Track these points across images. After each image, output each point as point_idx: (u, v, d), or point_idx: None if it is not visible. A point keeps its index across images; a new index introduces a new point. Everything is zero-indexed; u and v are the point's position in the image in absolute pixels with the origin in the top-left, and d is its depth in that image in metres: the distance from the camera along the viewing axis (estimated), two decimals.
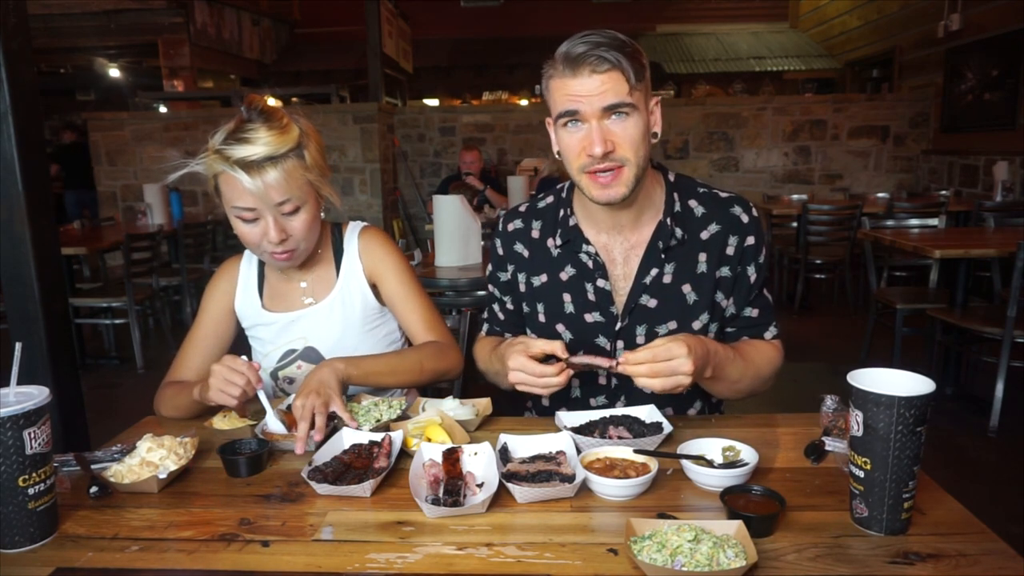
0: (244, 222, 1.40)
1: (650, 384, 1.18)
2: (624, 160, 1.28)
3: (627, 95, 1.25)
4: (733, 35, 13.22)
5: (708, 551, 0.85)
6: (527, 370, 1.23)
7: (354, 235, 1.59)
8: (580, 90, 1.25)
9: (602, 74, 1.24)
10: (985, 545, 0.91)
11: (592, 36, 1.26)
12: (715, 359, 1.26)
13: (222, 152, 1.35)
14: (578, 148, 1.30)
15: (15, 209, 1.92)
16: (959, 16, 6.77)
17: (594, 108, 1.25)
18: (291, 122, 1.39)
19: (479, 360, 1.54)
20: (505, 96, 12.84)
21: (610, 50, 1.24)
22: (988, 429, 3.30)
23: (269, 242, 1.39)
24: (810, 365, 4.33)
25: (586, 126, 1.28)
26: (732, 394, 1.42)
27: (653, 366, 1.16)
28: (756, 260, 1.43)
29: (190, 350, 1.57)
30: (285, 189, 1.36)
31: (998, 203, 5.12)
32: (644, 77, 1.28)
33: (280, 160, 1.35)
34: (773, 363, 1.42)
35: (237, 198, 1.37)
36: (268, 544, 0.96)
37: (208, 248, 5.50)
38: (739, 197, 1.46)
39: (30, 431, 0.95)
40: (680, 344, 1.16)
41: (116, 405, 4.03)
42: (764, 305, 1.45)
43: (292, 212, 1.39)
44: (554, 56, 1.30)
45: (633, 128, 1.27)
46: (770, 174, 7.81)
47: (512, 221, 1.54)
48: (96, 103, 12.27)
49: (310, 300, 1.57)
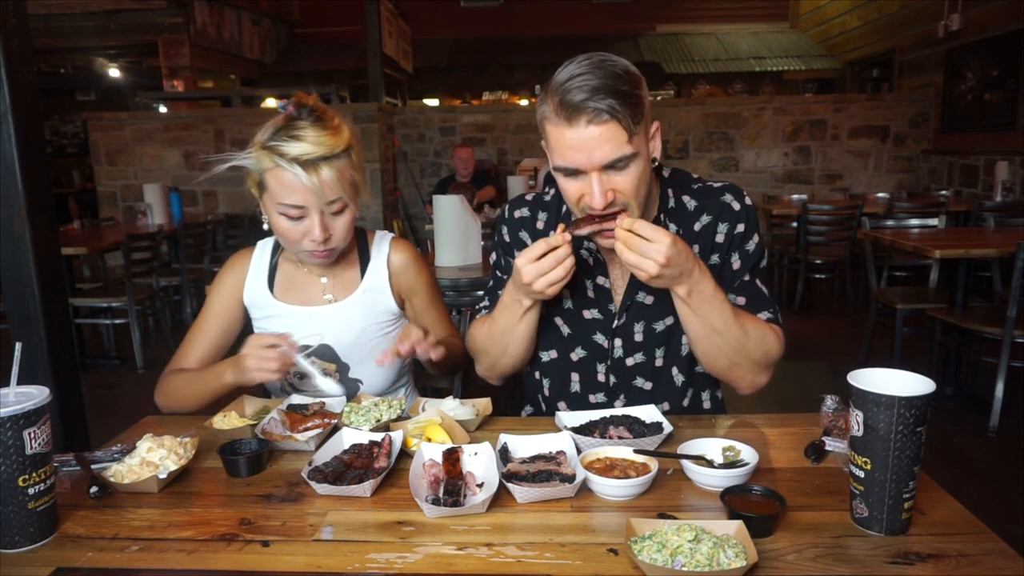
0: (288, 219, 1.40)
1: (620, 253, 1.19)
2: (625, 204, 1.26)
3: (626, 144, 1.21)
4: (733, 35, 13.22)
5: (708, 551, 0.85)
6: (539, 269, 1.22)
7: (384, 243, 1.61)
8: (577, 143, 1.21)
9: (600, 125, 1.19)
10: (985, 545, 0.91)
11: (589, 78, 1.19)
12: (695, 282, 1.23)
13: (275, 148, 1.36)
14: (577, 196, 1.28)
15: (15, 209, 1.92)
16: (959, 16, 6.77)
17: (593, 164, 1.22)
18: (342, 122, 1.42)
19: (478, 339, 1.50)
20: (505, 96, 12.83)
21: (607, 97, 1.18)
22: (988, 429, 3.29)
23: (312, 240, 1.40)
24: (810, 365, 4.33)
25: (585, 177, 1.24)
26: (712, 349, 1.32)
27: (632, 238, 1.17)
28: (742, 247, 1.39)
29: (194, 340, 1.56)
30: (337, 188, 1.38)
31: (998, 203, 5.12)
32: (643, 115, 1.23)
33: (333, 160, 1.37)
34: (765, 340, 1.33)
35: (287, 195, 1.37)
36: (268, 544, 0.96)
37: (208, 248, 5.50)
38: (732, 185, 1.43)
39: (30, 431, 0.95)
40: (666, 234, 1.16)
41: (116, 405, 4.03)
42: (753, 294, 1.38)
43: (339, 212, 1.41)
44: (550, 86, 1.24)
45: (634, 174, 1.24)
46: (770, 174, 7.81)
47: (519, 208, 1.53)
48: (96, 103, 12.26)
49: (330, 297, 1.57)
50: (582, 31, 12.79)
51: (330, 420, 1.31)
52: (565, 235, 1.23)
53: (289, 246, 1.47)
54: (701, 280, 1.24)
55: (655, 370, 1.44)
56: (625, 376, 1.45)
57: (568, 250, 1.23)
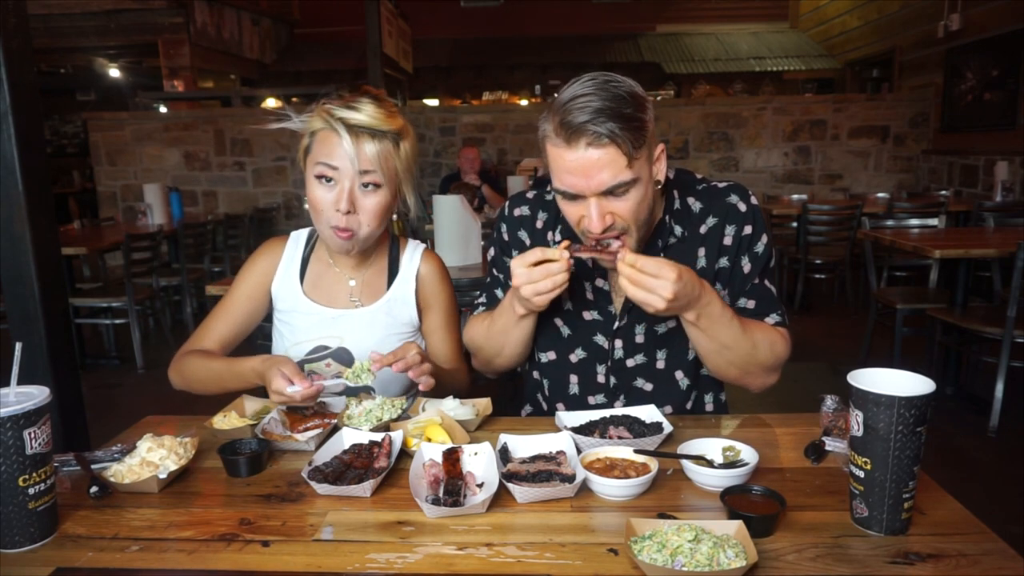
0: (322, 182, 1.41)
1: (625, 288, 1.18)
2: (624, 229, 1.26)
3: (626, 169, 1.20)
4: (733, 35, 13.22)
5: (708, 551, 0.85)
6: (530, 276, 1.22)
7: (416, 254, 1.61)
8: (576, 167, 1.20)
9: (599, 149, 1.18)
10: (985, 545, 0.91)
11: (592, 99, 1.18)
12: (703, 306, 1.23)
13: (330, 110, 1.40)
14: (576, 219, 1.28)
15: (15, 209, 1.92)
16: (959, 16, 6.77)
17: (592, 189, 1.21)
18: (399, 112, 1.45)
19: (475, 337, 1.51)
20: (505, 96, 12.83)
21: (608, 120, 1.17)
22: (988, 429, 3.30)
23: (337, 210, 1.40)
24: (810, 365, 4.33)
25: (583, 202, 1.24)
26: (721, 363, 1.34)
27: (637, 275, 1.16)
28: (751, 249, 1.39)
29: (217, 321, 1.56)
30: (375, 162, 1.40)
31: (998, 203, 5.12)
32: (646, 139, 1.21)
33: (379, 136, 1.40)
34: (775, 346, 1.34)
35: (327, 154, 1.39)
36: (268, 544, 0.96)
37: (208, 248, 5.50)
38: (737, 185, 1.42)
39: (30, 431, 0.95)
40: (671, 269, 1.15)
41: (116, 405, 4.03)
42: (762, 296, 1.39)
43: (371, 188, 1.41)
44: (553, 107, 1.24)
45: (634, 199, 1.24)
46: (770, 174, 7.81)
47: (519, 207, 1.53)
48: (96, 103, 12.25)
49: (356, 301, 1.57)
50: (582, 31, 12.80)
51: (330, 420, 1.31)
52: (564, 252, 1.22)
53: (317, 219, 1.45)
54: (708, 303, 1.24)
55: (656, 371, 1.44)
56: (625, 377, 1.45)
57: (563, 267, 1.22)
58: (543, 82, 12.84)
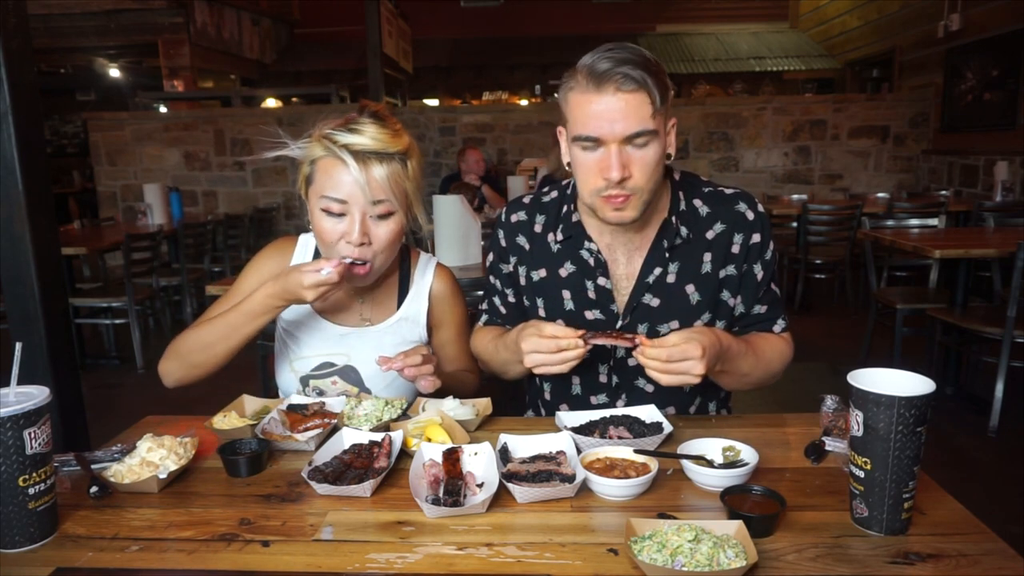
0: (329, 215, 1.33)
1: (658, 379, 1.20)
2: (636, 189, 1.27)
3: (649, 119, 1.22)
4: (733, 35, 13.22)
5: (708, 551, 0.85)
6: (542, 349, 1.23)
7: (428, 270, 1.56)
8: (602, 111, 1.22)
9: (627, 94, 1.21)
10: (985, 545, 0.91)
11: (618, 51, 1.23)
12: (727, 354, 1.27)
13: (331, 136, 1.32)
14: (595, 170, 1.27)
15: (15, 209, 1.92)
16: (959, 16, 6.77)
17: (615, 135, 1.23)
18: (403, 129, 1.39)
19: (480, 353, 1.54)
20: (505, 96, 12.85)
21: (636, 68, 1.21)
22: (988, 429, 3.29)
23: (348, 243, 1.33)
24: (810, 365, 4.33)
25: (604, 149, 1.25)
26: (741, 386, 1.42)
27: (667, 364, 1.18)
28: (762, 257, 1.43)
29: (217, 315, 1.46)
30: (386, 189, 1.32)
31: (998, 203, 5.12)
32: (667, 99, 1.25)
33: (387, 160, 1.33)
34: (784, 356, 1.43)
35: (333, 187, 1.32)
36: (268, 544, 0.96)
37: (208, 248, 5.50)
38: (744, 193, 1.45)
39: (30, 431, 0.95)
40: (696, 346, 1.17)
41: (116, 405, 4.03)
42: (772, 300, 1.45)
43: (383, 216, 1.35)
44: (576, 67, 1.27)
45: (651, 156, 1.26)
46: (770, 174, 7.80)
47: (516, 212, 1.52)
48: (96, 103, 12.26)
49: (367, 320, 1.52)
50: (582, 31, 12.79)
51: (330, 420, 1.31)
52: (579, 340, 1.22)
53: (325, 249, 1.39)
54: (728, 349, 1.27)
55: None
56: (627, 376, 1.45)
57: (576, 355, 1.23)
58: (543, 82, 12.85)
